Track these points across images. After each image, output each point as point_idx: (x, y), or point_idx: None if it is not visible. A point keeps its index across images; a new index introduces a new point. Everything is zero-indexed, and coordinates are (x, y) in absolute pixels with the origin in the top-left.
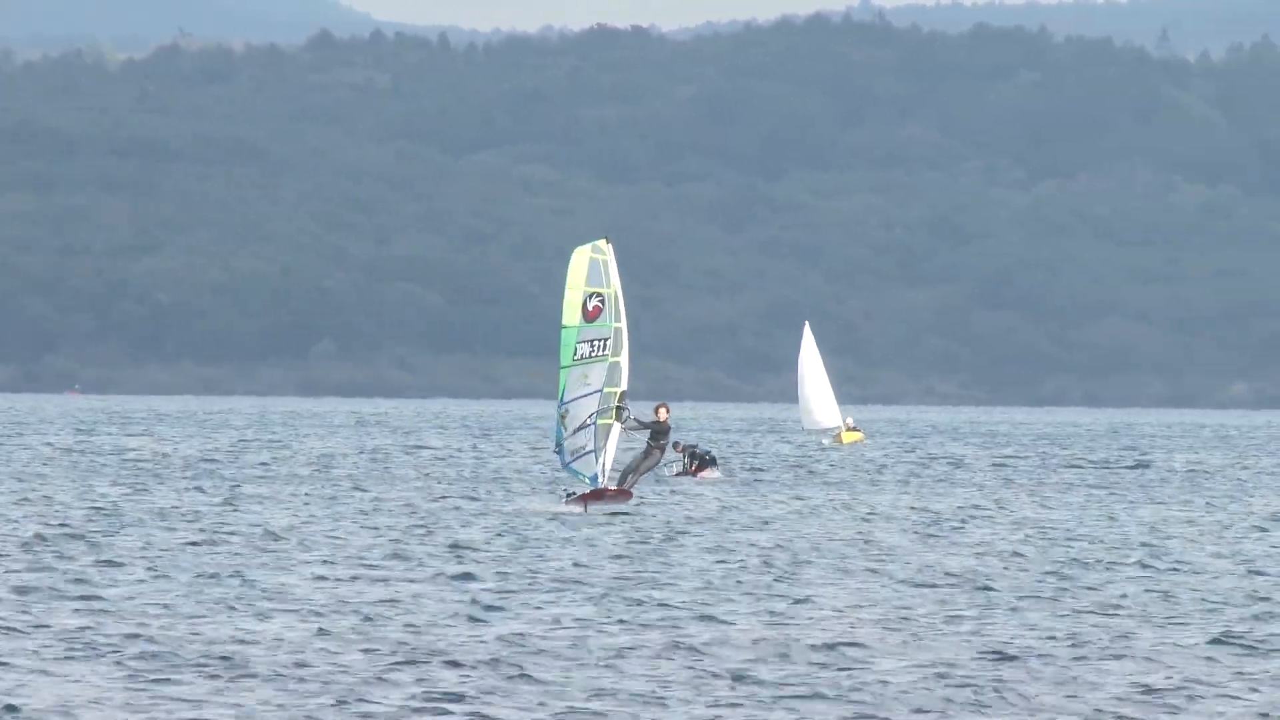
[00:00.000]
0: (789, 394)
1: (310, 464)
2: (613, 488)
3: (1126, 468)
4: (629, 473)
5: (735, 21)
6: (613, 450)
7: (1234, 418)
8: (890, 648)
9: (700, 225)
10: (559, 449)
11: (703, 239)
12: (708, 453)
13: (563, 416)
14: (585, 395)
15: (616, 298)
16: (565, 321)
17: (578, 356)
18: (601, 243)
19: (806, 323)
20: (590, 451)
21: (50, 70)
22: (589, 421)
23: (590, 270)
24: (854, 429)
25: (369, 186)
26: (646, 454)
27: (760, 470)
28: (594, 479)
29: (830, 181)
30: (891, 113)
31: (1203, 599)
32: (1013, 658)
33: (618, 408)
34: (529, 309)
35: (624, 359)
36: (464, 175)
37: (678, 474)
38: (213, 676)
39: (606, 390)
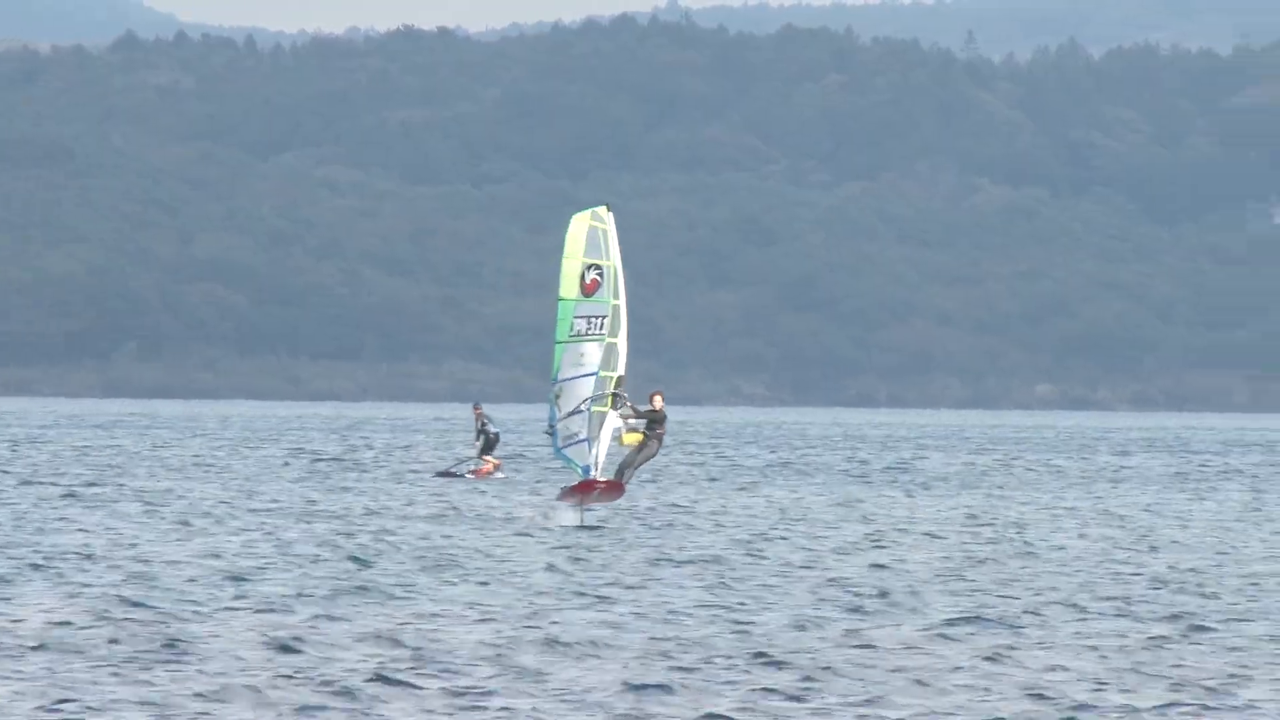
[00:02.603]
0: None
1: None
2: (604, 480)
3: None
4: (626, 467)
5: (542, 23)
6: (607, 440)
7: (1035, 419)
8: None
9: (505, 226)
10: (551, 430)
11: (508, 240)
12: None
13: (556, 396)
14: (581, 376)
15: (616, 272)
16: (562, 294)
17: (574, 333)
18: (602, 210)
19: None
20: (584, 440)
21: None
22: (583, 407)
23: (589, 239)
24: (634, 430)
25: (172, 187)
26: (642, 444)
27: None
28: (586, 470)
29: (635, 183)
30: (698, 114)
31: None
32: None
33: (614, 394)
34: (334, 311)
35: (621, 340)
36: (268, 176)
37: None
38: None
39: (603, 374)
